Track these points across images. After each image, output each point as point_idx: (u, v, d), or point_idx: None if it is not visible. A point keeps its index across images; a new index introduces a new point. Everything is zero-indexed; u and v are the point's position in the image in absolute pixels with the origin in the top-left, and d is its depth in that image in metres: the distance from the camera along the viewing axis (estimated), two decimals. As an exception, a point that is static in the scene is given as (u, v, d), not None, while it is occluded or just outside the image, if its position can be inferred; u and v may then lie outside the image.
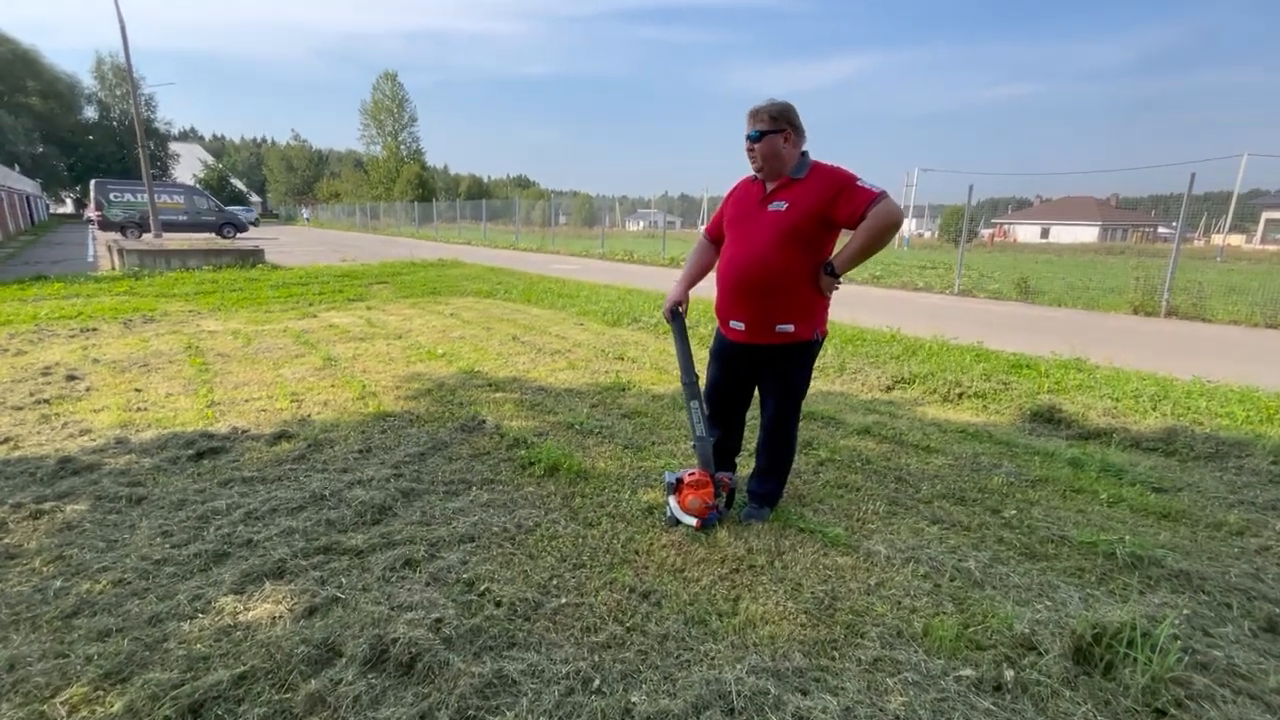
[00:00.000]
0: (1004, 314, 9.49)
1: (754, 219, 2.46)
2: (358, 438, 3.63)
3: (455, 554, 2.38)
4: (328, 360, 5.42)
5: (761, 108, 2.39)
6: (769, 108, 2.38)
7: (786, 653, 1.87)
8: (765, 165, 2.41)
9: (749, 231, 2.47)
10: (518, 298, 9.57)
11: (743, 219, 2.52)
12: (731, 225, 2.58)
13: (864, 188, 2.31)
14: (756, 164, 2.43)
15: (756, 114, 2.39)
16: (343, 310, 8.24)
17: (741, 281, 2.47)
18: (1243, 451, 3.37)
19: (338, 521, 2.62)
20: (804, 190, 2.37)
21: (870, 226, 2.29)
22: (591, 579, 2.25)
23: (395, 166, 53.53)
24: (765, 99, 2.41)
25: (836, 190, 2.33)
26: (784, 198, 2.39)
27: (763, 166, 2.42)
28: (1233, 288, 13.06)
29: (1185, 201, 9.63)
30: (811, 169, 2.40)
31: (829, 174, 2.39)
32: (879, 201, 2.27)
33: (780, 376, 2.59)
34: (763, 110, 2.38)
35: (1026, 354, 5.60)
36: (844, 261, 2.39)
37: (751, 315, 2.48)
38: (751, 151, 2.41)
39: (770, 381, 2.64)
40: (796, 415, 2.69)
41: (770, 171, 2.43)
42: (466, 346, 6.10)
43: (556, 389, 4.70)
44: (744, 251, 2.46)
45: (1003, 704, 1.68)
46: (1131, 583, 2.25)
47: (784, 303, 2.44)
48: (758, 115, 2.39)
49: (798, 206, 2.36)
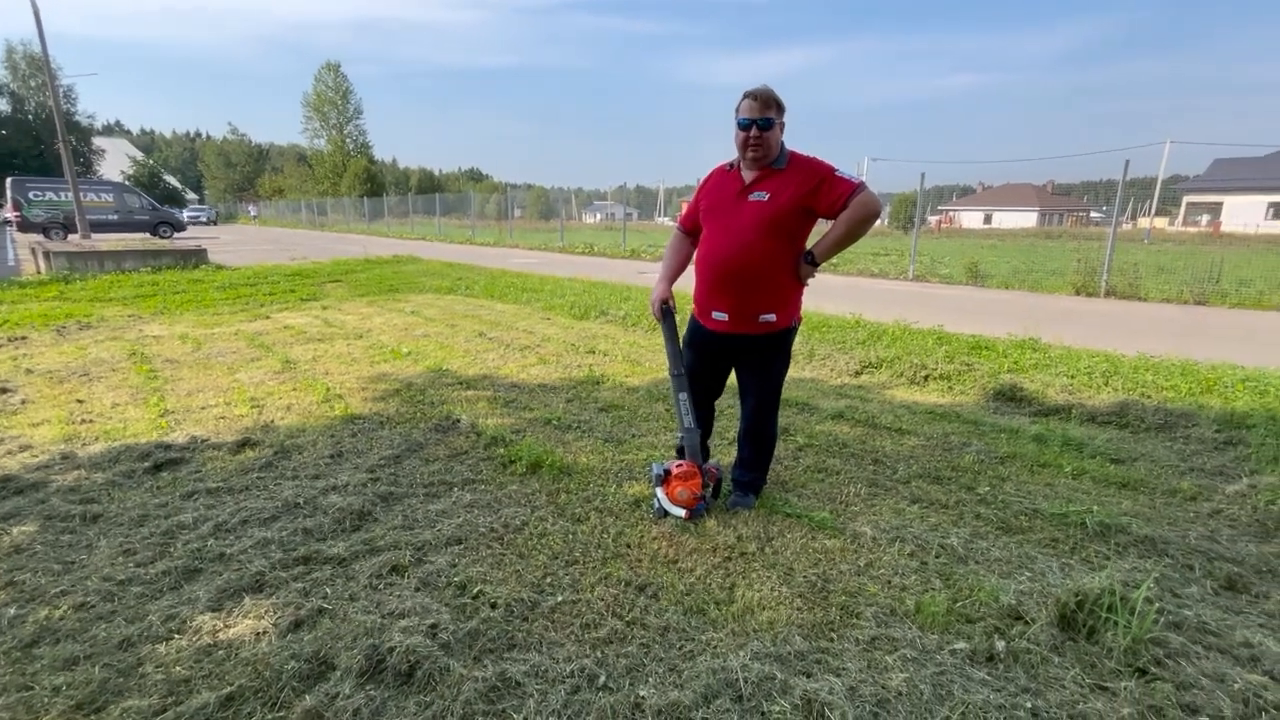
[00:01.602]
0: (957, 297, 9.83)
1: (735, 210, 2.44)
2: (327, 442, 3.50)
3: (443, 557, 2.32)
4: (286, 363, 5.21)
5: (767, 93, 2.30)
6: (772, 94, 2.31)
7: (786, 637, 1.90)
8: (764, 154, 2.35)
9: (730, 222, 2.45)
10: (480, 293, 9.39)
11: (722, 210, 2.49)
12: (710, 216, 2.55)
13: (844, 178, 2.34)
14: (757, 152, 2.35)
15: (766, 100, 2.29)
16: (297, 311, 7.93)
17: (725, 272, 2.46)
18: (1189, 422, 3.57)
19: (316, 530, 2.52)
20: (785, 181, 2.37)
21: (851, 216, 2.32)
22: (586, 575, 2.23)
23: (341, 160, 51.74)
24: (759, 84, 2.33)
25: (817, 181, 2.34)
26: (765, 188, 2.38)
27: (762, 155, 2.35)
28: (1162, 267, 13.84)
29: (1120, 187, 10.14)
30: (790, 159, 2.40)
31: (808, 164, 2.39)
32: (859, 192, 2.31)
33: (761, 365, 2.61)
34: (770, 96, 2.30)
35: (984, 336, 5.81)
36: (824, 250, 2.42)
37: (734, 306, 2.48)
38: (758, 139, 2.32)
39: (751, 370, 2.65)
40: (777, 402, 2.72)
41: (760, 161, 2.38)
42: (432, 345, 5.95)
43: (529, 385, 4.64)
44: (727, 242, 2.45)
45: (996, 674, 1.74)
46: (1103, 550, 2.36)
47: (767, 293, 2.45)
48: (767, 101, 2.29)
49: (780, 197, 2.36)
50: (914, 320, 6.49)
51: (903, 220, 39.93)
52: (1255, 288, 10.37)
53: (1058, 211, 57.26)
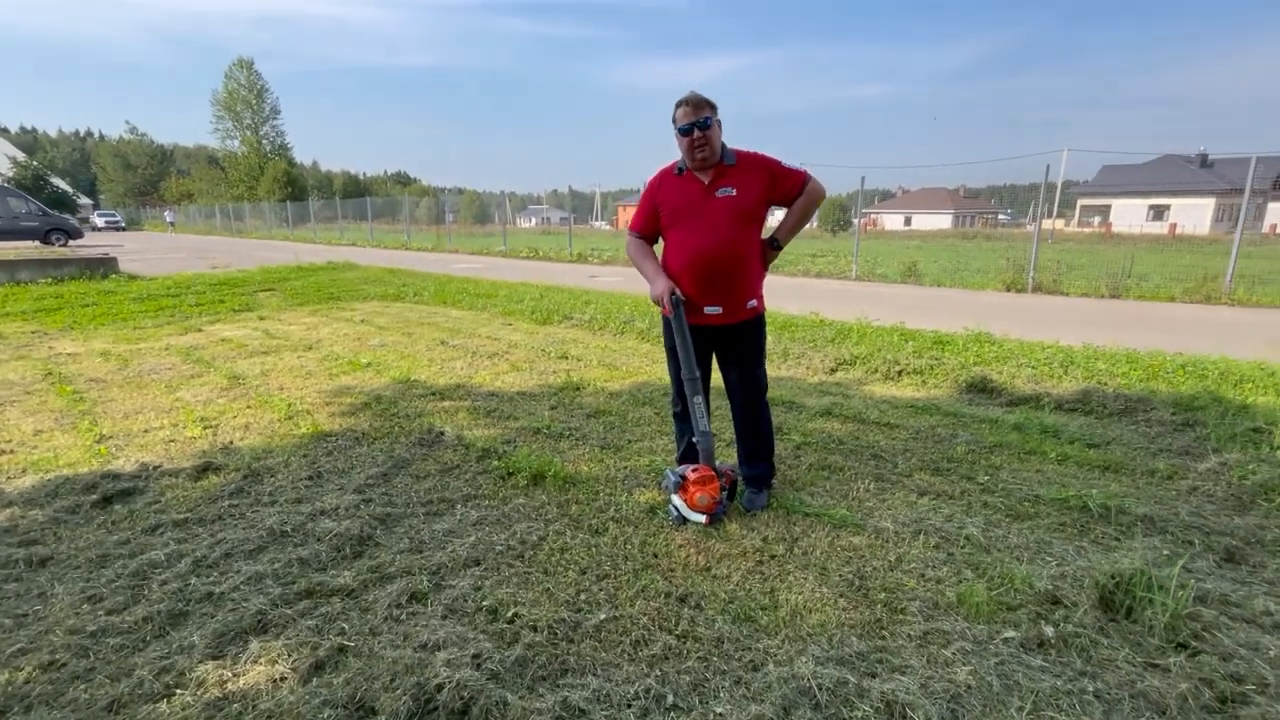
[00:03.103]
0: (901, 295, 10.26)
1: (706, 208, 2.48)
2: (301, 463, 3.23)
3: (464, 580, 2.16)
4: (233, 379, 4.80)
5: (696, 97, 2.38)
6: (702, 96, 2.40)
7: (843, 639, 1.87)
8: (710, 153, 2.42)
9: (705, 221, 2.49)
10: (430, 299, 9.03)
11: (692, 211, 2.51)
12: (680, 219, 2.55)
13: (792, 168, 2.54)
14: (702, 153, 2.41)
15: (698, 103, 2.38)
16: (231, 322, 7.36)
17: (714, 269, 2.51)
18: (1146, 406, 3.83)
19: (312, 559, 2.30)
20: (743, 175, 2.47)
21: (805, 202, 2.53)
22: (621, 589, 2.13)
23: (258, 163, 48.81)
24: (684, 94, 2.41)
25: (772, 173, 2.50)
26: (728, 184, 2.47)
27: (709, 155, 2.42)
28: (1071, 265, 14.97)
29: (1043, 190, 10.88)
30: (736, 156, 2.49)
31: (755, 159, 2.52)
32: (810, 180, 2.52)
33: (748, 348, 2.70)
34: (701, 99, 2.38)
35: (942, 331, 6.07)
36: (785, 234, 2.65)
37: (727, 298, 2.56)
38: (702, 140, 2.38)
39: (739, 355, 2.70)
40: (766, 383, 2.78)
41: (707, 160, 2.44)
42: (392, 354, 5.65)
43: (507, 393, 4.46)
44: (709, 241, 2.48)
45: (1051, 659, 1.77)
46: (1109, 531, 2.48)
47: (749, 280, 2.59)
48: (699, 104, 2.37)
49: (747, 191, 2.46)
50: (872, 318, 6.70)
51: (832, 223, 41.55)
52: (1152, 281, 11.35)
53: (969, 214, 61.08)
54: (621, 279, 12.78)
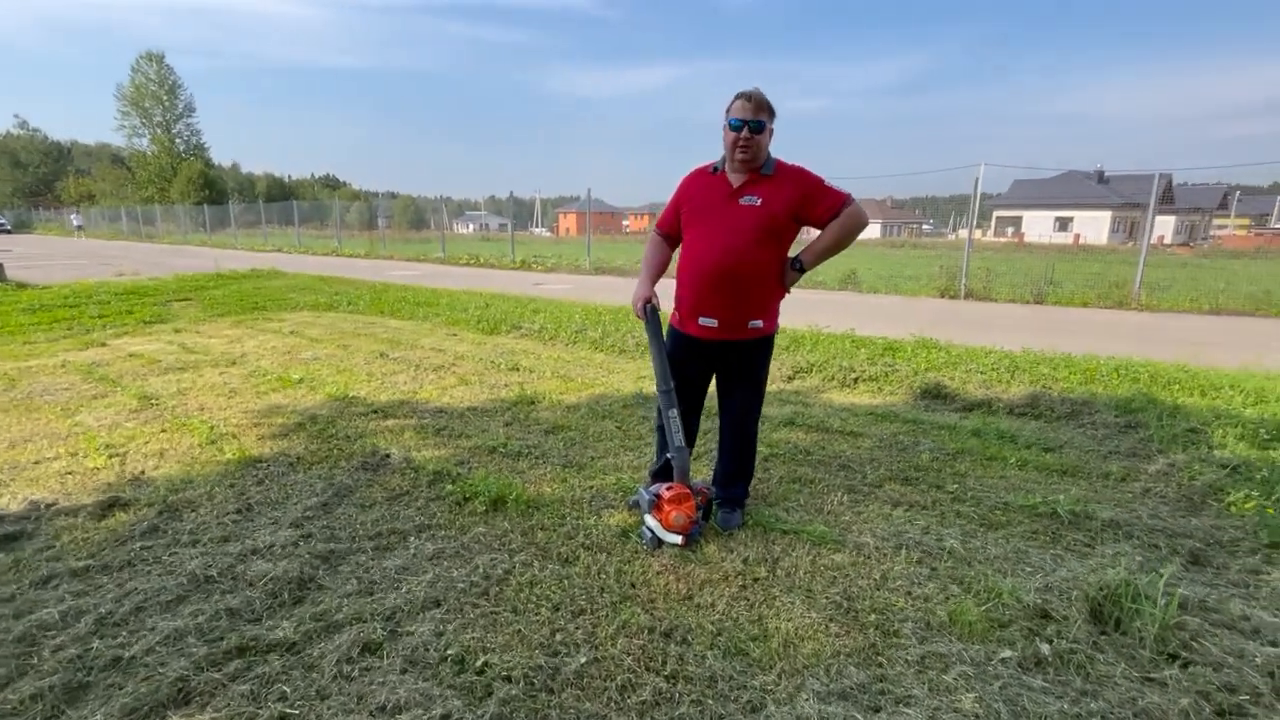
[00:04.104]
0: (843, 302, 10.50)
1: (725, 213, 2.34)
2: (227, 494, 2.89)
3: (424, 625, 1.94)
4: (144, 399, 4.32)
5: (760, 96, 2.23)
6: (765, 98, 2.24)
7: (840, 669, 1.77)
8: (753, 157, 2.27)
9: (720, 226, 2.35)
10: (366, 309, 8.54)
11: (711, 213, 2.38)
12: (696, 219, 2.43)
13: (834, 189, 2.33)
14: (746, 154, 2.25)
15: (760, 103, 2.22)
16: (141, 335, 6.71)
17: (718, 276, 2.35)
18: (1090, 409, 3.98)
19: (244, 609, 2.01)
20: (775, 187, 2.31)
21: (843, 225, 2.33)
22: (600, 626, 1.96)
23: (171, 163, 45.64)
24: (751, 86, 2.25)
25: (808, 190, 2.32)
26: (755, 193, 2.31)
27: (751, 158, 2.27)
28: (994, 272, 15.82)
29: (973, 201, 11.42)
30: (777, 167, 2.35)
31: (797, 173, 2.35)
32: (851, 203, 2.31)
33: (748, 373, 2.55)
34: (763, 100, 2.23)
35: (890, 338, 6.19)
36: (812, 258, 2.40)
37: (726, 311, 2.39)
38: (748, 141, 2.23)
39: (737, 378, 2.57)
40: (760, 410, 2.66)
41: (749, 164, 2.29)
42: (327, 369, 5.25)
43: (456, 409, 4.20)
44: (720, 245, 2.33)
45: (1051, 679, 1.72)
46: (1079, 537, 2.50)
47: (757, 298, 2.40)
48: (760, 104, 2.22)
49: (773, 202, 2.29)
50: (820, 325, 6.78)
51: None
52: (1067, 288, 12.10)
53: (896, 224, 64.09)
54: (569, 286, 12.56)
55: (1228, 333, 7.74)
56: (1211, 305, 9.90)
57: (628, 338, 6.11)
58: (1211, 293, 10.91)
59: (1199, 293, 10.98)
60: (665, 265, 2.63)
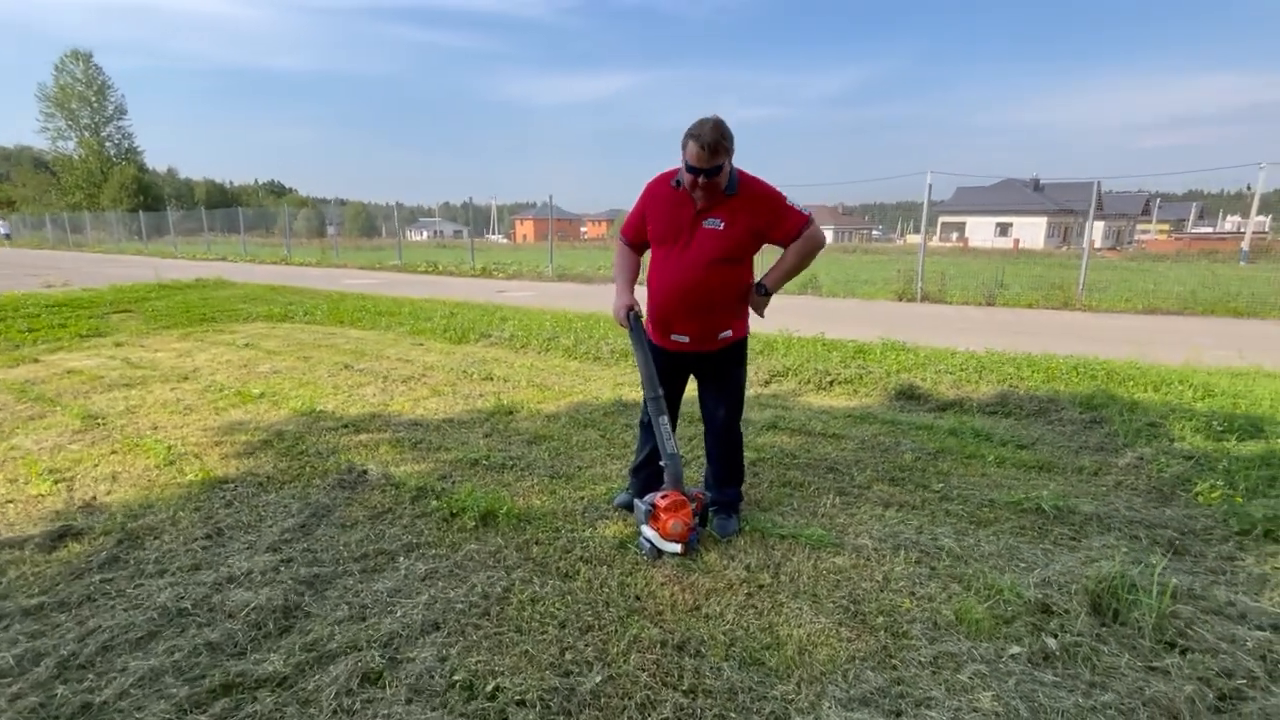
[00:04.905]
0: (806, 306, 10.69)
1: (689, 235, 2.33)
2: (194, 518, 2.70)
3: (425, 650, 1.84)
4: (89, 419, 4.03)
5: (714, 140, 2.09)
6: (720, 139, 2.10)
7: (857, 674, 1.76)
8: (712, 195, 2.25)
9: (686, 249, 2.35)
10: (325, 319, 8.23)
11: (676, 233, 2.37)
12: (663, 241, 2.42)
13: (795, 209, 2.34)
14: (706, 195, 2.24)
15: (715, 148, 2.09)
16: (79, 350, 6.28)
17: (685, 298, 2.39)
18: (1056, 406, 4.13)
19: (226, 643, 1.88)
20: (738, 207, 2.30)
21: (802, 249, 2.36)
22: (610, 642, 1.91)
23: (101, 168, 43.21)
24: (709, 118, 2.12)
25: (770, 211, 2.32)
26: (719, 215, 2.30)
27: (710, 197, 2.25)
28: (946, 275, 16.42)
29: (925, 207, 11.82)
30: (740, 184, 2.31)
31: (759, 191, 2.33)
32: (810, 225, 2.34)
33: (724, 376, 2.58)
34: (718, 143, 2.09)
35: (858, 340, 6.32)
36: (775, 281, 2.43)
37: (695, 328, 2.44)
38: (706, 185, 2.19)
39: (715, 384, 2.59)
40: (742, 407, 2.68)
41: (706, 204, 2.28)
42: (288, 382, 5.01)
43: (432, 421, 4.06)
44: (685, 270, 2.35)
45: (1061, 673, 1.75)
46: (1065, 532, 2.57)
47: (725, 312, 2.44)
48: (716, 149, 2.09)
49: (735, 225, 2.30)
50: (790, 329, 6.87)
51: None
52: (1013, 290, 12.64)
53: (847, 229, 65.93)
54: (532, 293, 12.41)
55: (1164, 331, 8.21)
56: (1145, 305, 10.50)
57: (601, 344, 6.06)
58: (1144, 293, 11.59)
59: (1132, 293, 11.65)
60: (637, 271, 2.63)
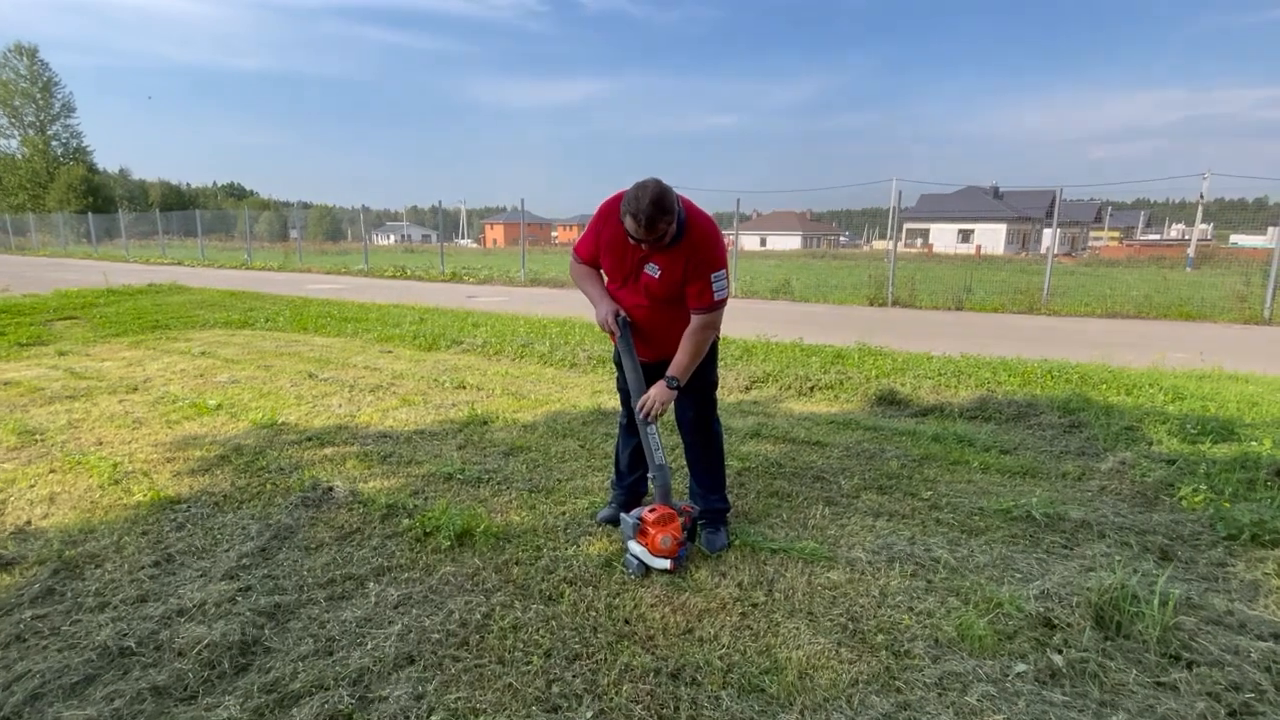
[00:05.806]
0: (782, 311, 10.72)
1: (633, 276, 2.36)
2: (140, 543, 2.49)
3: (399, 688, 1.69)
4: (26, 434, 3.74)
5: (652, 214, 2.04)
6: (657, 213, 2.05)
7: (862, 699, 1.67)
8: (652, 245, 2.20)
9: (631, 287, 2.38)
10: (287, 326, 7.91)
11: (622, 271, 2.39)
12: (613, 273, 2.44)
13: (712, 287, 2.28)
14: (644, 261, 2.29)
15: (651, 222, 2.05)
16: (17, 360, 5.89)
17: (639, 327, 2.44)
18: (1035, 410, 4.15)
19: (175, 686, 1.70)
20: (676, 255, 2.26)
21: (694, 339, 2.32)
22: (600, 671, 1.78)
23: (46, 168, 41.37)
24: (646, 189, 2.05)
25: (695, 270, 2.26)
26: (658, 261, 2.29)
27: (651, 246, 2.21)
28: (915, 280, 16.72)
29: (892, 214, 12.02)
30: (687, 228, 2.23)
31: (699, 242, 2.24)
32: (712, 312, 2.30)
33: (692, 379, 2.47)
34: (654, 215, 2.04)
35: (835, 345, 6.31)
36: (681, 374, 2.36)
37: (653, 353, 2.47)
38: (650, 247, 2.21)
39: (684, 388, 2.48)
40: (715, 410, 2.64)
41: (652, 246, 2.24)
42: (248, 393, 4.76)
43: (402, 433, 3.88)
44: (631, 303, 2.40)
45: (1068, 691, 1.69)
46: (1057, 540, 2.54)
47: (677, 333, 2.39)
48: (653, 222, 2.06)
49: (671, 272, 2.28)
50: (767, 334, 6.84)
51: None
52: (979, 295, 12.90)
53: (816, 235, 66.92)
54: (504, 299, 12.20)
55: (1126, 334, 8.44)
56: (1105, 309, 10.81)
57: (578, 351, 5.92)
58: (1102, 298, 11.93)
59: (1092, 298, 11.99)
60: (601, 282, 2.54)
